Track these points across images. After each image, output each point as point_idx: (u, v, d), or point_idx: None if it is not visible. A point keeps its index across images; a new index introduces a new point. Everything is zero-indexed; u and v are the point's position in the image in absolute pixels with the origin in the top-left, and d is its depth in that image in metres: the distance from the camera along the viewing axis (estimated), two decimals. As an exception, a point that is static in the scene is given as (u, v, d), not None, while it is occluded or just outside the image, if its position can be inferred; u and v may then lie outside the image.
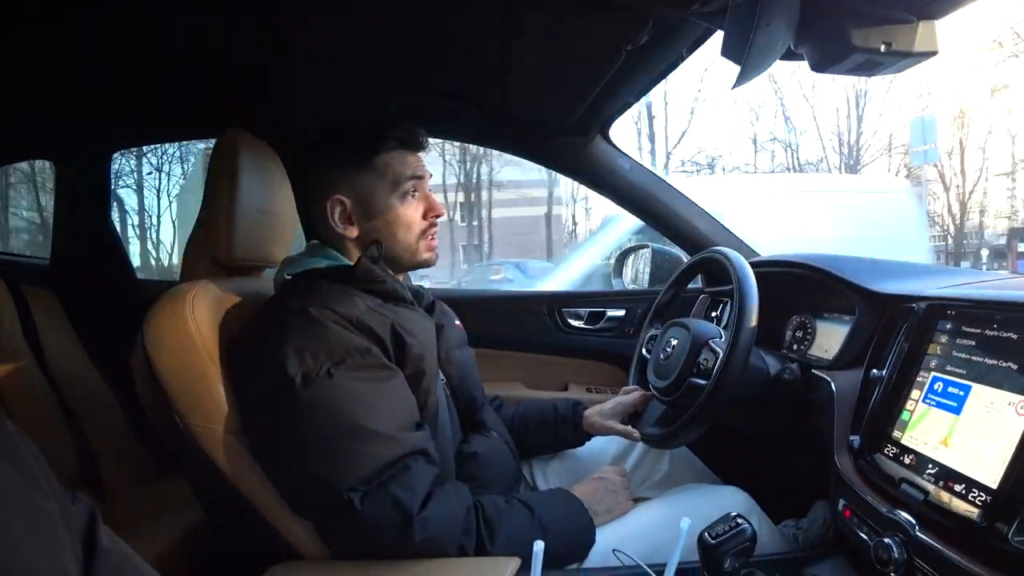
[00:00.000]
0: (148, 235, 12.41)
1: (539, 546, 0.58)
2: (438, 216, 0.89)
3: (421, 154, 0.89)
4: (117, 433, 1.29)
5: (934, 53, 0.62)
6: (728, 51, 0.69)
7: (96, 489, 1.16)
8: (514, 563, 0.66)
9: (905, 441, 0.70)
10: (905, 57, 0.62)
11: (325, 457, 0.68)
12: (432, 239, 0.89)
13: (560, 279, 3.98)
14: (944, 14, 0.61)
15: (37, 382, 1.17)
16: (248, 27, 1.04)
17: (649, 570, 0.67)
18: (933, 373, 0.71)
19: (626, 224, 3.65)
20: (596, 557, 0.79)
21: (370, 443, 0.68)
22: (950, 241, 14.38)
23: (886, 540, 0.63)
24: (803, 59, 0.68)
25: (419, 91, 1.31)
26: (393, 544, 0.67)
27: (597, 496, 0.86)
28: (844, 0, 0.60)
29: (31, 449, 0.40)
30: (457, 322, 1.04)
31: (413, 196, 0.86)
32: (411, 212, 0.86)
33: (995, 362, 0.63)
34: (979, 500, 0.58)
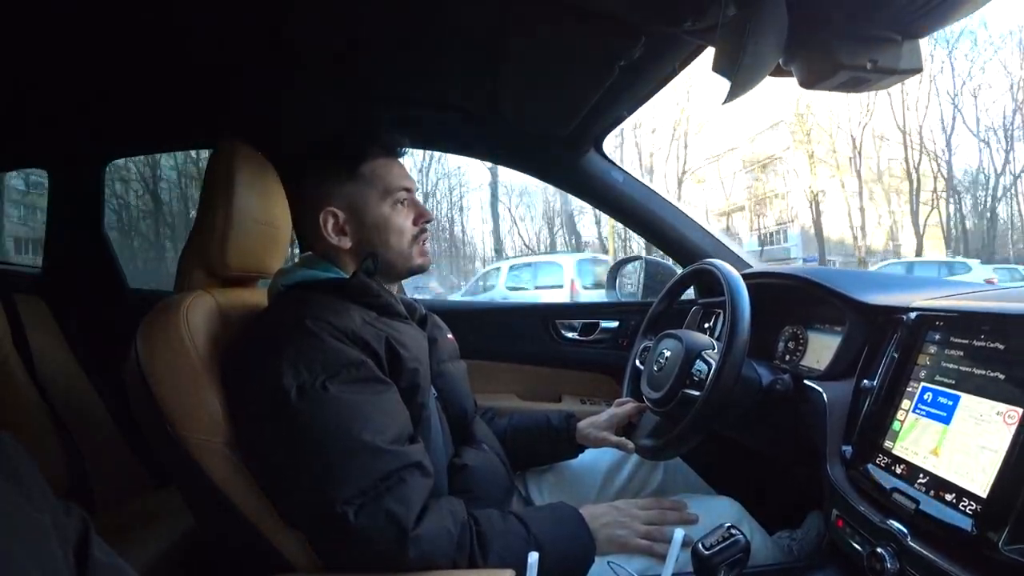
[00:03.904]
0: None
1: (533, 557, 0.58)
2: (428, 221, 0.91)
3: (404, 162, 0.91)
4: (108, 443, 1.28)
5: (918, 70, 0.64)
6: (719, 67, 0.70)
7: (87, 499, 1.15)
8: (508, 574, 0.66)
9: (896, 451, 0.70)
10: (891, 74, 0.64)
11: (319, 470, 0.67)
12: (424, 244, 0.91)
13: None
14: (928, 33, 0.63)
15: (26, 391, 1.16)
16: (243, 38, 1.05)
17: None
18: (923, 383, 0.71)
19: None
20: (591, 568, 0.79)
21: (365, 456, 0.68)
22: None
23: (879, 550, 0.63)
24: (792, 75, 0.70)
25: (413, 103, 1.32)
26: (386, 559, 0.67)
27: (603, 520, 0.83)
28: (831, 20, 0.62)
29: (25, 459, 0.39)
30: (449, 335, 1.04)
31: (403, 204, 0.88)
32: (402, 219, 0.88)
33: (983, 372, 0.64)
34: (970, 509, 0.58)
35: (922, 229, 17.32)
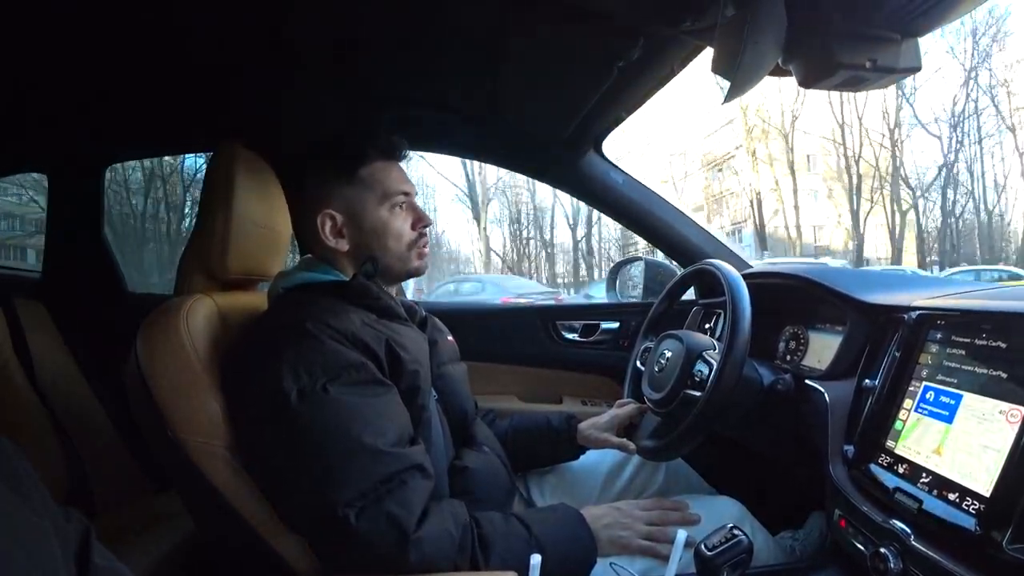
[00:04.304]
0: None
1: (535, 559, 0.57)
2: (426, 226, 0.91)
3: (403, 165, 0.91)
4: (108, 447, 1.28)
5: (917, 69, 0.64)
6: (718, 67, 0.70)
7: (87, 503, 1.15)
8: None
9: (899, 450, 0.70)
10: (890, 73, 0.64)
11: (320, 473, 0.67)
12: (423, 248, 0.90)
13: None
14: (927, 32, 0.63)
15: (26, 395, 1.16)
16: (243, 38, 1.05)
17: None
18: (924, 383, 0.71)
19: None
20: (593, 570, 0.79)
21: (366, 458, 0.68)
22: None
23: (882, 550, 0.63)
24: (791, 75, 0.70)
25: (413, 103, 1.32)
26: (387, 561, 0.66)
27: (605, 522, 0.82)
28: (830, 19, 0.62)
29: (24, 464, 0.39)
30: (449, 337, 1.04)
31: (401, 208, 0.88)
32: (400, 223, 0.87)
33: (985, 371, 0.64)
34: (973, 509, 0.58)
35: (862, 228, 16.80)
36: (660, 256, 1.63)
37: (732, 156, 18.07)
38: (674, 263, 1.52)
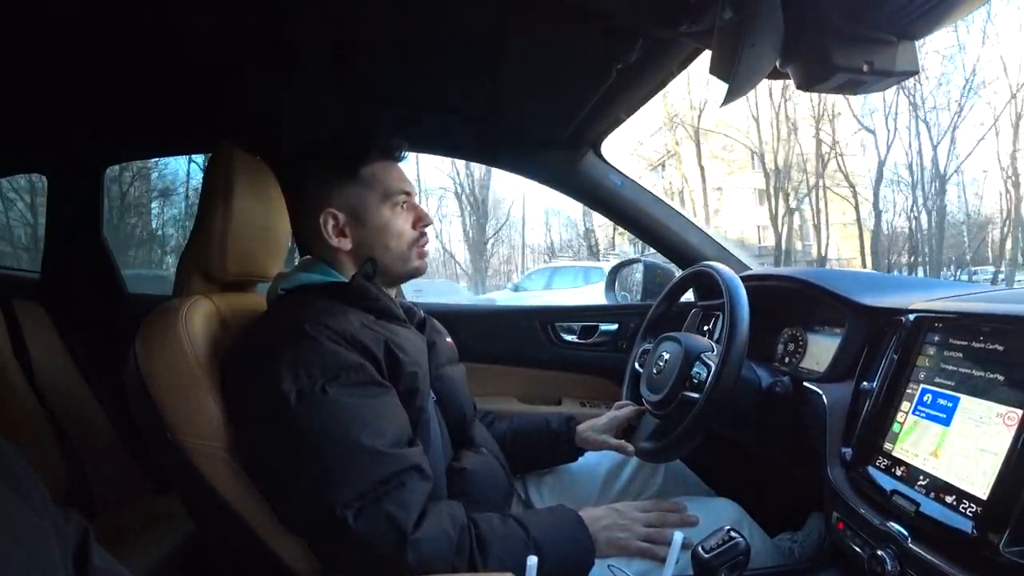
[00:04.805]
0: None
1: (532, 561, 0.57)
2: (427, 225, 0.91)
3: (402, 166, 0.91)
4: (108, 449, 1.28)
5: (915, 72, 0.64)
6: (716, 69, 0.70)
7: (87, 504, 1.15)
8: None
9: (896, 453, 0.70)
10: (887, 76, 0.64)
11: (319, 473, 0.67)
12: (423, 247, 0.91)
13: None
14: (924, 35, 0.63)
15: (25, 396, 1.16)
16: (243, 38, 1.05)
17: None
18: (922, 385, 0.71)
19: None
20: (591, 571, 0.79)
21: (364, 459, 0.68)
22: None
23: (880, 552, 0.63)
24: (789, 77, 0.70)
25: (413, 105, 1.33)
26: (385, 562, 0.67)
27: (603, 523, 0.82)
28: (827, 22, 0.62)
29: (24, 464, 0.39)
30: (448, 338, 1.04)
31: (403, 207, 0.89)
32: (401, 222, 0.88)
33: (983, 374, 0.64)
34: (970, 511, 0.58)
35: (781, 228, 15.89)
36: (649, 254, 1.63)
37: (674, 154, 17.70)
38: (670, 264, 1.52)
